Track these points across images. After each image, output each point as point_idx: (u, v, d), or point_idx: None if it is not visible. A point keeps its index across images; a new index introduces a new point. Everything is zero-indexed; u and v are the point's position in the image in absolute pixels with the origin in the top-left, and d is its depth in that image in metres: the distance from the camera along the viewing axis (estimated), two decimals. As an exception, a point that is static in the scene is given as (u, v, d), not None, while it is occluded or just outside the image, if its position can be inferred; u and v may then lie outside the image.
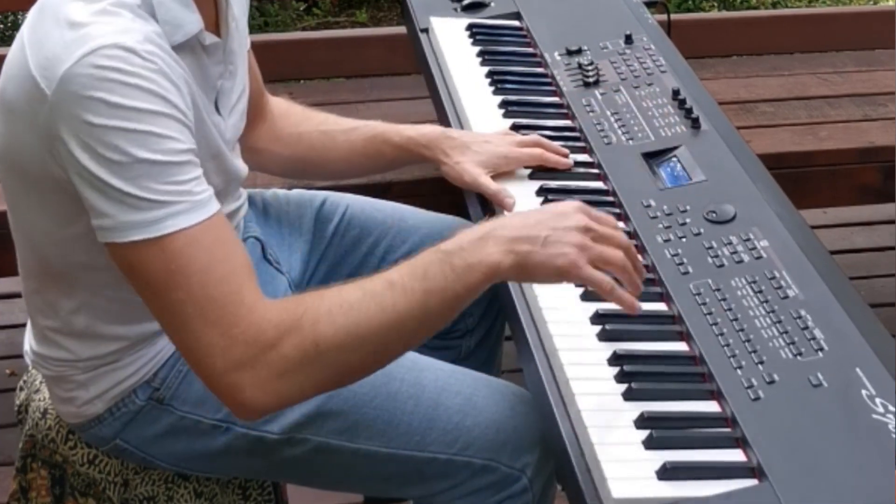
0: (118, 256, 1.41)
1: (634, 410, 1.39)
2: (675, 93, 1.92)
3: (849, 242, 3.49)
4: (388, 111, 2.80)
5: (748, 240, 1.60)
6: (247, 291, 1.40)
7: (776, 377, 1.40)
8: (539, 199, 1.76)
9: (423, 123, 1.95)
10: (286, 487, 1.87)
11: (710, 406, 1.41)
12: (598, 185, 1.80)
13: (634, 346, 1.48)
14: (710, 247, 1.60)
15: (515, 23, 2.25)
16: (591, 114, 1.93)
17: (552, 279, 1.45)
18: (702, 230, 1.64)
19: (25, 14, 1.54)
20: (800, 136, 2.73)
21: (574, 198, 1.76)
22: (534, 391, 1.54)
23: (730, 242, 1.61)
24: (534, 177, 1.82)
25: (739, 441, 1.35)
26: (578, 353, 1.48)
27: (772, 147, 2.67)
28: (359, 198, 2.00)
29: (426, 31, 2.23)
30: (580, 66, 2.03)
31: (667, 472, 1.31)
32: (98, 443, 1.66)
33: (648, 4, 2.23)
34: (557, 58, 2.09)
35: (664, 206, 1.70)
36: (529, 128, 1.91)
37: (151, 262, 1.38)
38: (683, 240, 1.63)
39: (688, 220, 1.66)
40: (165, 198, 1.37)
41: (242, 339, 1.39)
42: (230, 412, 1.46)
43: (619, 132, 1.88)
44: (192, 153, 1.42)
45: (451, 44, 2.17)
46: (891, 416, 1.33)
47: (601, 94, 1.97)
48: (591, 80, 2.00)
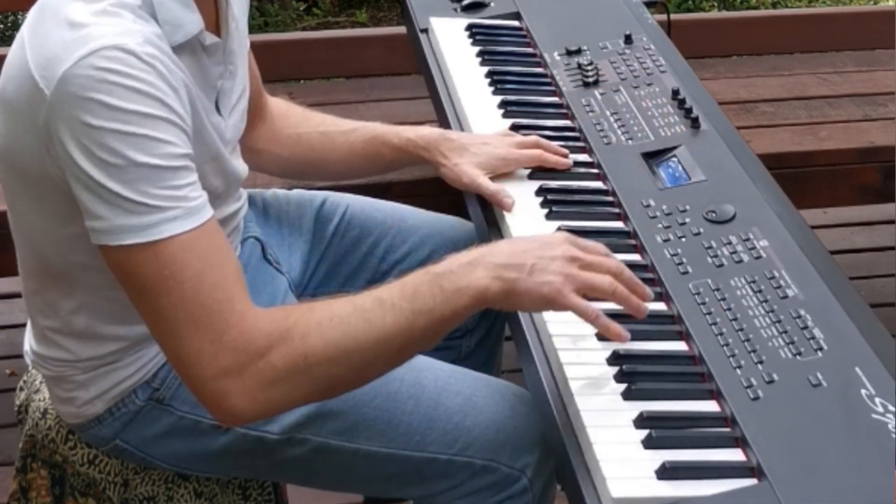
0: (111, 259, 1.41)
1: (634, 410, 1.39)
2: (675, 93, 1.92)
3: (849, 242, 3.49)
4: (388, 111, 2.80)
5: (748, 240, 1.60)
6: (238, 299, 1.41)
7: (776, 377, 1.40)
8: (538, 199, 1.76)
9: (423, 123, 1.95)
10: (286, 487, 1.87)
11: (710, 406, 1.41)
12: (598, 185, 1.80)
13: (634, 346, 1.48)
14: (710, 247, 1.60)
15: (515, 23, 2.25)
16: (591, 114, 1.93)
17: (538, 306, 1.47)
18: (701, 230, 1.64)
19: (25, 14, 1.54)
20: (800, 136, 2.74)
21: (574, 197, 1.78)
22: (534, 391, 1.54)
23: (729, 242, 1.60)
24: (533, 177, 1.82)
25: (739, 441, 1.35)
26: (578, 353, 1.48)
27: (772, 147, 2.67)
28: (359, 198, 2.00)
29: (426, 32, 2.23)
30: (580, 66, 2.03)
31: (666, 472, 1.31)
32: (98, 443, 1.66)
33: (648, 4, 2.23)
34: (557, 58, 2.09)
35: (664, 206, 1.69)
36: (529, 128, 1.91)
37: (144, 267, 1.39)
38: (683, 240, 1.63)
39: (687, 220, 1.66)
40: (160, 203, 1.37)
41: (232, 347, 1.39)
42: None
43: (619, 132, 1.87)
44: (189, 158, 1.42)
45: (451, 44, 2.17)
46: (890, 416, 1.33)
47: (601, 94, 1.97)
48: (591, 80, 2.00)
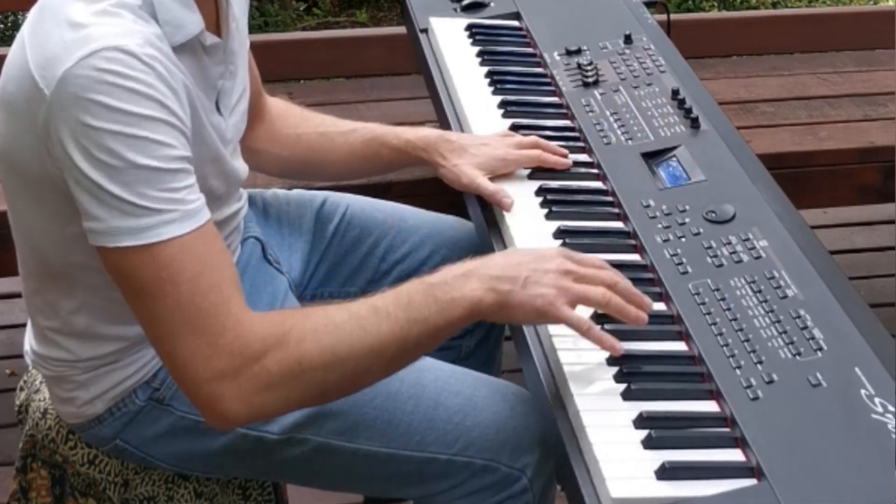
0: (107, 260, 1.41)
1: (633, 410, 1.39)
2: (675, 93, 1.92)
3: (849, 242, 3.49)
4: (388, 111, 2.80)
5: (747, 240, 1.60)
6: (234, 302, 1.41)
7: (775, 377, 1.40)
8: (538, 199, 1.76)
9: (423, 123, 1.95)
10: (286, 487, 1.87)
11: (709, 406, 1.41)
12: (598, 185, 1.80)
13: (633, 346, 1.48)
14: (710, 247, 1.60)
15: (515, 23, 2.24)
16: (591, 114, 1.93)
17: (531, 319, 1.47)
18: (701, 230, 1.64)
19: (25, 14, 1.54)
20: (800, 136, 2.74)
21: (574, 197, 1.78)
22: (534, 391, 1.54)
23: (729, 242, 1.60)
24: (533, 177, 1.82)
25: (738, 441, 1.35)
26: (578, 353, 1.48)
27: (772, 147, 2.67)
28: (359, 198, 2.00)
29: (426, 32, 2.23)
30: (580, 66, 2.03)
31: (666, 472, 1.31)
32: (98, 443, 1.66)
33: (648, 4, 2.23)
34: (557, 58, 2.09)
35: (663, 206, 1.69)
36: (529, 128, 1.91)
37: (141, 269, 1.39)
38: (683, 240, 1.63)
39: (687, 220, 1.66)
40: (158, 205, 1.37)
41: (228, 350, 1.40)
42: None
43: (619, 132, 1.87)
44: (187, 161, 1.42)
45: (451, 44, 2.16)
46: (890, 416, 1.33)
47: (600, 94, 1.97)
48: (591, 81, 2.00)
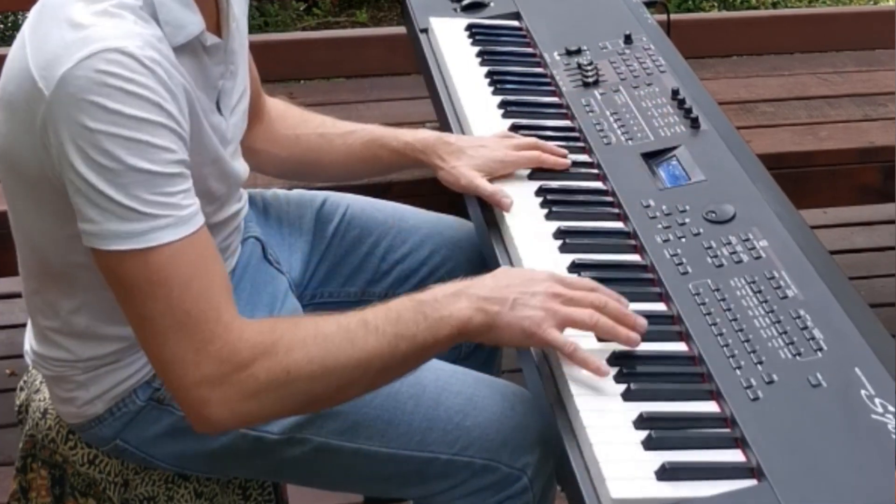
0: (101, 261, 1.42)
1: (633, 410, 1.39)
2: (675, 93, 1.92)
3: (849, 242, 3.49)
4: (388, 111, 2.80)
5: (747, 240, 1.60)
6: (224, 309, 1.42)
7: (775, 377, 1.40)
8: (538, 200, 1.76)
9: (423, 123, 1.95)
10: (286, 487, 1.87)
11: (710, 406, 1.41)
12: (598, 186, 1.80)
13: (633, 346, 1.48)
14: (710, 247, 1.60)
15: (515, 23, 2.24)
16: (591, 114, 1.93)
17: (518, 340, 1.48)
18: (701, 230, 1.64)
19: (25, 14, 1.54)
20: (800, 136, 2.74)
21: (574, 198, 1.78)
22: (534, 391, 1.54)
23: (729, 242, 1.60)
24: (533, 177, 1.82)
25: (738, 441, 1.35)
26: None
27: (772, 147, 2.67)
28: (359, 198, 2.00)
29: (426, 32, 2.22)
30: (580, 67, 2.03)
31: (666, 473, 1.31)
32: (98, 443, 1.66)
33: (648, 4, 2.23)
34: (557, 58, 2.09)
35: (663, 206, 1.69)
36: (529, 128, 1.91)
37: (133, 272, 1.39)
38: (683, 240, 1.63)
39: (687, 220, 1.66)
40: (152, 210, 1.38)
41: (216, 356, 1.40)
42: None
43: (619, 132, 1.87)
44: (184, 165, 1.42)
45: (451, 44, 2.16)
46: (890, 416, 1.33)
47: (600, 95, 1.97)
48: (591, 81, 2.00)
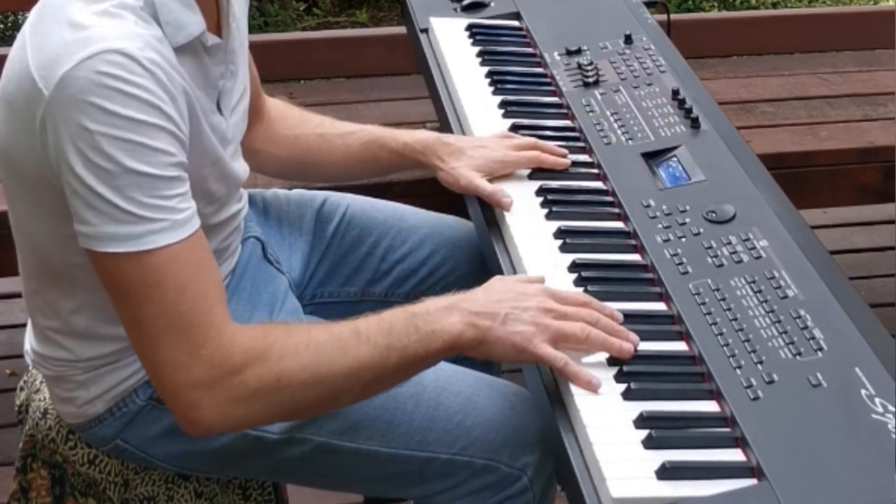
0: (96, 262, 1.42)
1: (634, 410, 1.39)
2: (675, 93, 1.92)
3: (849, 242, 3.49)
4: (388, 111, 2.80)
5: (748, 240, 1.60)
6: (217, 313, 1.43)
7: (775, 377, 1.40)
8: (539, 199, 1.76)
9: (423, 123, 1.94)
10: (286, 487, 1.87)
11: (710, 406, 1.41)
12: (598, 186, 1.80)
13: (634, 346, 1.48)
14: (710, 247, 1.60)
15: (515, 23, 2.24)
16: (591, 114, 1.93)
17: (509, 355, 1.48)
18: (701, 230, 1.64)
19: (26, 14, 1.54)
20: (800, 136, 2.74)
21: (574, 197, 1.78)
22: (534, 391, 1.54)
23: (729, 242, 1.60)
24: (533, 177, 1.82)
25: (739, 441, 1.35)
26: (577, 353, 1.48)
27: (772, 147, 2.67)
28: (359, 198, 2.00)
29: (426, 32, 2.23)
30: (580, 66, 2.03)
31: (666, 472, 1.31)
32: (98, 443, 1.66)
33: (648, 4, 2.23)
34: (557, 58, 2.09)
35: (664, 206, 1.69)
36: (529, 128, 1.91)
37: (128, 274, 1.40)
38: (683, 240, 1.63)
39: (687, 220, 1.66)
40: (149, 213, 1.38)
41: (208, 361, 1.41)
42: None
43: (619, 132, 1.87)
44: (182, 168, 1.42)
45: (451, 44, 2.16)
46: (890, 416, 1.33)
47: (601, 95, 1.97)
48: (591, 81, 2.00)
